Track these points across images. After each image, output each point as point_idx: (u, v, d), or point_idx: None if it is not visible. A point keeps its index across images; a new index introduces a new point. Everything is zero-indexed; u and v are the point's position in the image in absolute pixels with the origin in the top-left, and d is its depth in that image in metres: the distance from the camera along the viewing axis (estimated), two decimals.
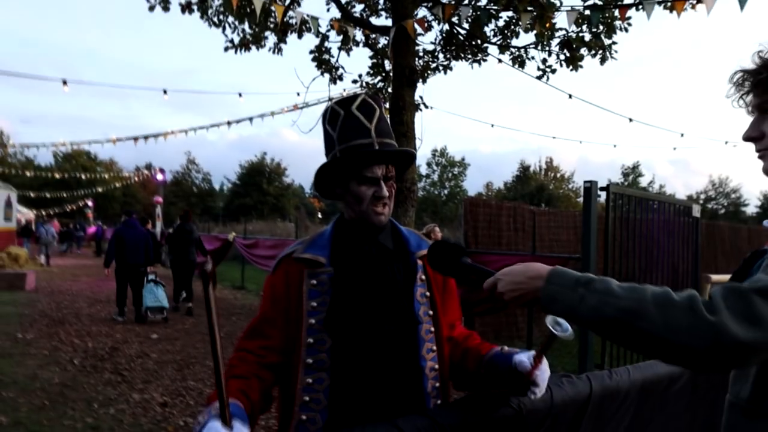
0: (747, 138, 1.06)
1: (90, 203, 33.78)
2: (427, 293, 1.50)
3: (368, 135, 1.43)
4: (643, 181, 48.41)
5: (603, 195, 6.08)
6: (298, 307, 1.41)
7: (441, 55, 6.85)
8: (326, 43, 6.50)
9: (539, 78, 6.18)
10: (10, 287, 12.42)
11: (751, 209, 47.35)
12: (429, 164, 49.09)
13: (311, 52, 6.53)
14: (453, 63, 6.95)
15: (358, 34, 6.72)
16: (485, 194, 48.99)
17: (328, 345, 1.38)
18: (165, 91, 8.56)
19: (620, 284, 0.99)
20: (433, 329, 1.48)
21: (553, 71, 6.13)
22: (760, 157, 1.06)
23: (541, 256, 6.68)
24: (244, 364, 1.39)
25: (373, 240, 1.48)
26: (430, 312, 1.49)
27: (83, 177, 31.00)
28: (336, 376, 1.37)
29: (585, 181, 5.92)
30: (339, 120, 1.44)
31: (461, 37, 6.35)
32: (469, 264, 1.32)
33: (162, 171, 20.65)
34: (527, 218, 9.02)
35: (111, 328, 8.36)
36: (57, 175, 31.95)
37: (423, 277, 1.51)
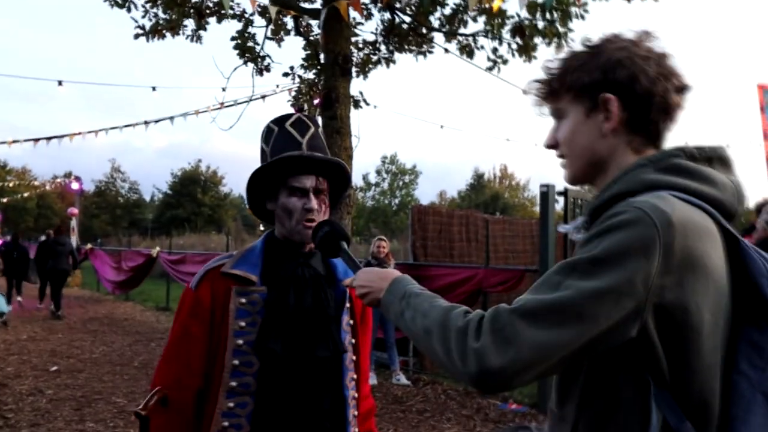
0: (547, 146, 1.14)
1: None
2: (351, 321, 1.58)
3: (299, 147, 1.49)
4: None
5: (561, 201, 5.97)
6: (222, 325, 1.42)
7: (383, 47, 6.56)
8: (250, 29, 6.11)
9: (489, 69, 5.99)
10: None
11: None
12: (378, 172, 49.02)
13: (232, 38, 6.09)
14: (396, 56, 6.70)
15: (290, 22, 6.36)
16: (439, 203, 49.28)
17: (256, 368, 1.40)
18: (60, 83, 7.89)
19: (433, 302, 1.05)
20: (354, 358, 1.58)
21: (505, 62, 5.94)
22: (561, 166, 1.13)
23: (495, 269, 6.45)
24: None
25: (306, 263, 1.52)
26: (353, 341, 1.58)
27: None
28: (261, 400, 1.40)
29: (541, 185, 5.75)
30: (273, 136, 1.53)
31: (405, 26, 6.08)
32: (347, 252, 1.42)
33: (78, 179, 19.48)
34: (480, 227, 8.83)
35: (2, 360, 7.58)
36: None
37: (348, 305, 1.58)
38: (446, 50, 6.02)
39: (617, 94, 1.02)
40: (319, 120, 6.30)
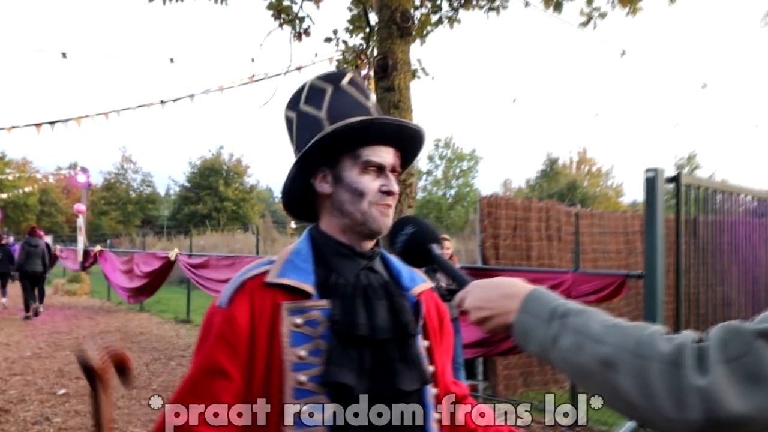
0: None
1: None
2: (426, 343, 1.41)
3: (368, 113, 1.35)
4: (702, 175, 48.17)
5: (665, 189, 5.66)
6: (270, 357, 1.23)
7: (445, 3, 6.36)
8: None
9: (583, 26, 5.67)
10: None
11: None
12: (431, 158, 48.80)
13: None
14: (461, 13, 6.48)
15: None
16: (503, 195, 48.73)
17: (328, 413, 1.21)
18: (64, 55, 7.94)
19: (605, 321, 0.93)
20: (435, 391, 1.40)
21: (603, 15, 5.62)
22: None
23: (587, 274, 6.18)
24: None
25: (369, 266, 1.38)
26: (431, 368, 1.39)
27: None
28: None
29: (647, 169, 5.45)
30: (326, 96, 1.36)
31: None
32: (440, 258, 1.32)
33: (85, 170, 19.94)
34: (564, 223, 8.54)
35: (4, 382, 7.76)
36: None
37: (421, 322, 1.41)
38: (527, 3, 5.76)
39: None
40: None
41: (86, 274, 19.74)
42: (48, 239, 22.50)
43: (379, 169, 1.34)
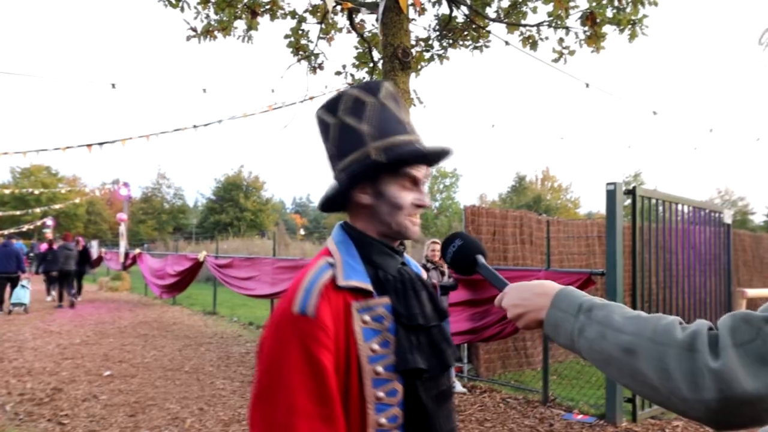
0: None
1: (50, 222, 32.68)
2: None
3: (405, 130, 1.27)
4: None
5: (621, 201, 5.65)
6: (348, 353, 1.17)
7: (436, 43, 6.33)
8: (304, 25, 5.97)
9: (555, 61, 5.65)
10: None
11: (758, 218, 47.36)
12: None
13: (286, 36, 5.95)
14: (450, 51, 6.45)
15: (341, 20, 6.19)
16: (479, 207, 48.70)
17: (400, 396, 1.19)
18: (113, 85, 7.89)
19: (626, 313, 0.92)
20: None
21: (572, 53, 5.60)
22: None
23: (557, 272, 6.13)
24: None
25: (404, 262, 1.34)
26: None
27: (35, 193, 30.09)
28: None
29: (608, 183, 5.45)
30: (367, 109, 1.25)
31: (460, 19, 5.84)
32: (485, 266, 1.30)
33: (126, 185, 19.81)
34: (535, 228, 8.50)
35: (57, 365, 7.64)
36: (7, 191, 31.03)
37: None
38: (507, 43, 5.73)
39: None
40: None
41: (127, 273, 19.60)
42: (94, 244, 22.58)
43: (414, 183, 1.28)
